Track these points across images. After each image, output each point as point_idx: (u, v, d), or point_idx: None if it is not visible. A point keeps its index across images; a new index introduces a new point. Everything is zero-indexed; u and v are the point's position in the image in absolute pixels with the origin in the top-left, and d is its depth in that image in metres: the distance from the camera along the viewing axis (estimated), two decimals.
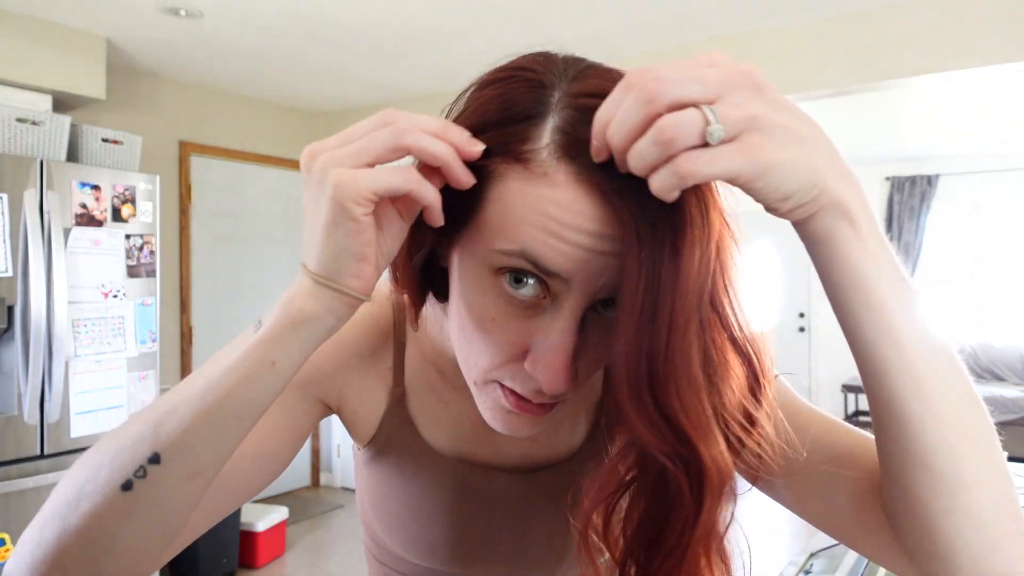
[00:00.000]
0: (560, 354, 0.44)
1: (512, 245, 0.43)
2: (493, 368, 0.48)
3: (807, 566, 1.11)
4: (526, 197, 0.43)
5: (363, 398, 0.63)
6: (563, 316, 0.44)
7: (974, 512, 0.42)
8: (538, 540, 0.65)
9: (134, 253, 2.75)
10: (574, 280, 0.43)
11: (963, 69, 2.76)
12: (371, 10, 2.91)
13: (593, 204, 0.42)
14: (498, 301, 0.46)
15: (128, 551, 0.43)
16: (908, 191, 6.34)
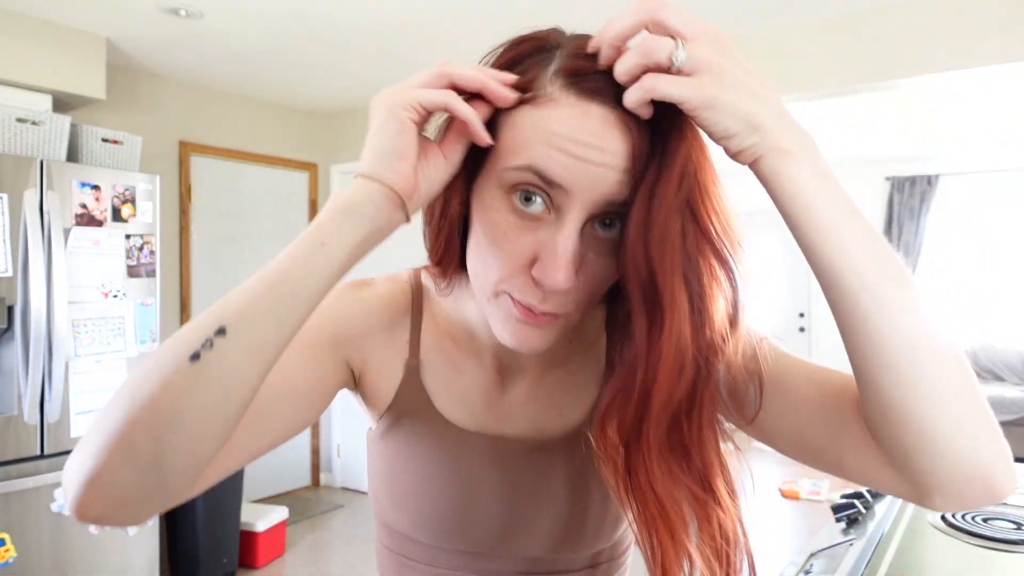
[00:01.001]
0: (562, 255, 0.51)
1: (522, 161, 0.51)
2: (504, 280, 0.54)
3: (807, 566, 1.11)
4: (534, 120, 0.51)
5: (382, 369, 0.67)
6: (565, 224, 0.51)
7: (940, 401, 0.47)
8: (548, 511, 0.66)
9: (134, 253, 2.75)
10: (574, 190, 0.50)
11: (963, 69, 2.76)
12: (372, 10, 2.91)
13: (592, 121, 0.50)
14: (509, 217, 0.53)
15: (192, 426, 0.45)
16: (908, 191, 6.34)
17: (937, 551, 1.10)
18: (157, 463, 0.44)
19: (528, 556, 0.67)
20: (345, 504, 4.32)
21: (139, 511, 0.47)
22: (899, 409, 0.48)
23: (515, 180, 0.52)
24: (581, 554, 0.68)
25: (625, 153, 0.50)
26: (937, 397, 0.47)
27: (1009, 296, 6.07)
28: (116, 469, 0.44)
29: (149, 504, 0.47)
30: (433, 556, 0.69)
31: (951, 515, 1.20)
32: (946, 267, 6.34)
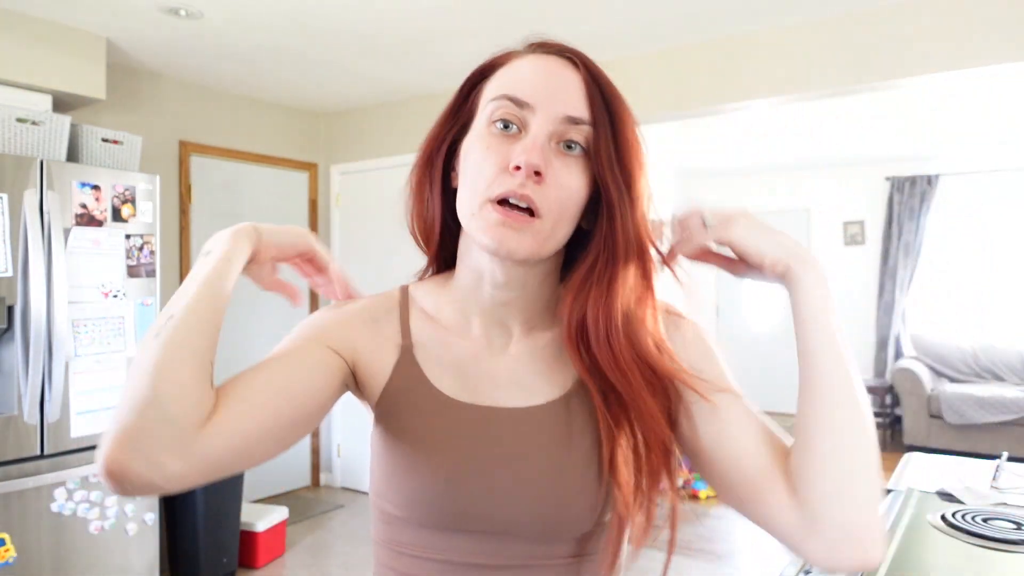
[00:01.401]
0: (531, 142, 0.66)
1: (497, 92, 0.70)
2: (489, 184, 0.67)
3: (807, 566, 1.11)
4: (507, 71, 0.71)
5: (375, 354, 0.75)
6: (533, 130, 0.67)
7: (853, 471, 0.62)
8: (534, 475, 0.70)
9: (134, 253, 2.75)
10: (537, 105, 0.67)
11: (963, 69, 2.76)
12: (371, 10, 2.91)
13: (549, 62, 0.70)
14: (491, 140, 0.68)
15: (172, 373, 0.59)
16: (908, 191, 6.34)
17: (937, 551, 1.10)
18: (156, 403, 0.57)
19: (517, 532, 0.70)
20: (345, 504, 4.32)
21: (156, 450, 0.56)
22: (822, 467, 0.62)
23: (493, 109, 0.69)
24: (566, 528, 0.70)
25: (577, 82, 0.69)
26: (853, 468, 0.62)
27: (1009, 296, 6.07)
28: (127, 419, 0.56)
29: (162, 439, 0.57)
30: (428, 540, 0.71)
31: (951, 515, 1.20)
32: (946, 267, 6.34)
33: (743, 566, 3.42)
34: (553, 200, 0.67)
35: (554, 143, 0.67)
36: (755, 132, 5.33)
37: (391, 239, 4.25)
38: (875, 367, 6.47)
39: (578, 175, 0.68)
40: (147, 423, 0.56)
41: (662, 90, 3.42)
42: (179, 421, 0.58)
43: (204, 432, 0.59)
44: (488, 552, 0.71)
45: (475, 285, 0.74)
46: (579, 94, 0.69)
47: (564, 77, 0.69)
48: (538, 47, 0.72)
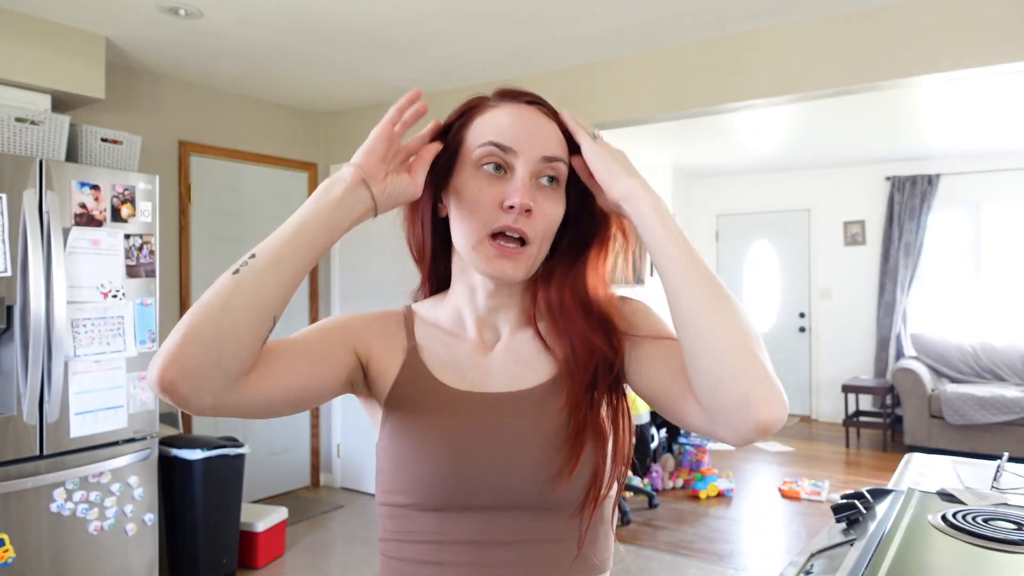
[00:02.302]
0: (520, 184, 0.78)
1: (483, 139, 0.80)
2: (486, 222, 0.79)
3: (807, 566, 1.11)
4: (486, 119, 0.82)
5: (386, 355, 0.85)
6: (519, 172, 0.79)
7: (717, 352, 0.69)
8: (528, 451, 0.78)
9: (134, 253, 2.75)
10: (519, 149, 0.79)
11: (963, 69, 2.76)
12: (372, 9, 2.91)
13: (524, 110, 0.82)
14: (480, 182, 0.80)
15: (236, 315, 0.68)
16: (908, 191, 6.34)
17: (937, 551, 1.10)
18: (218, 347, 0.67)
19: (516, 503, 0.77)
20: (345, 504, 4.32)
21: (201, 384, 0.67)
22: (698, 360, 0.71)
23: (481, 154, 0.80)
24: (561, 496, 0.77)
25: (548, 125, 0.82)
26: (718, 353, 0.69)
27: (1009, 296, 6.07)
28: (187, 346, 0.66)
29: (208, 379, 0.67)
30: (435, 524, 0.78)
31: (951, 515, 1.20)
32: (946, 266, 6.34)
33: (743, 566, 3.41)
34: (540, 228, 0.80)
35: (534, 180, 0.80)
36: (755, 132, 5.32)
37: (390, 239, 4.24)
38: (876, 367, 6.47)
39: (557, 203, 0.82)
40: (203, 361, 0.66)
41: (662, 90, 3.42)
42: (228, 371, 0.68)
43: (242, 384, 0.70)
44: (491, 529, 0.78)
45: (470, 297, 0.86)
46: (552, 136, 0.81)
47: (537, 123, 0.81)
48: (509, 96, 0.83)
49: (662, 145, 5.84)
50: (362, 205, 0.76)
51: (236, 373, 0.69)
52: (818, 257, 6.87)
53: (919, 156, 6.23)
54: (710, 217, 7.48)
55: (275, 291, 0.71)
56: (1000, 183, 6.08)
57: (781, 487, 4.62)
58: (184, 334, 0.66)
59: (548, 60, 3.51)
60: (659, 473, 4.66)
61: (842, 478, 4.92)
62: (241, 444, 3.24)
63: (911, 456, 1.87)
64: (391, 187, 0.78)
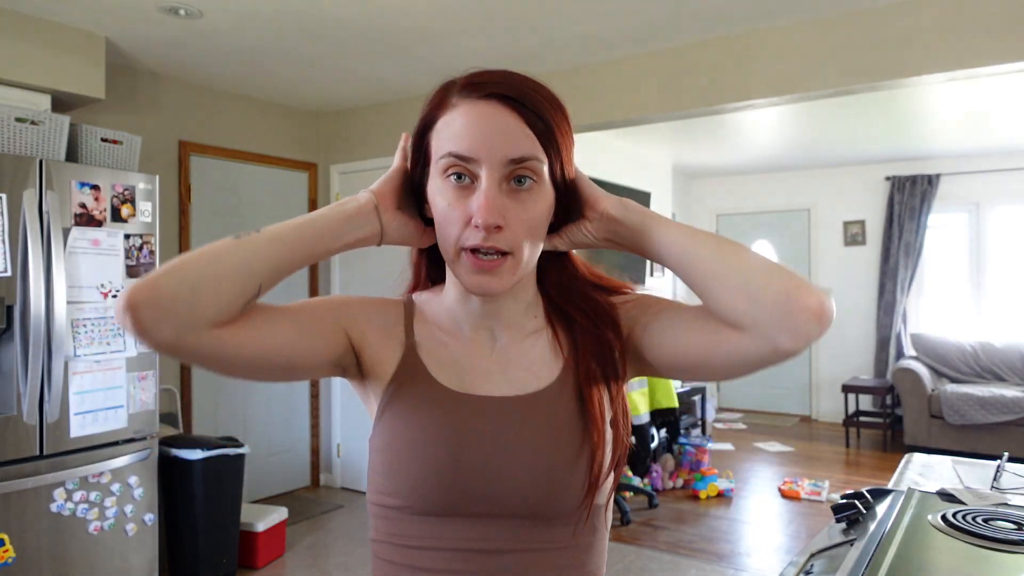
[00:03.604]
0: (484, 199, 0.71)
1: (444, 150, 0.74)
2: (458, 237, 0.74)
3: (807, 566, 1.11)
4: (446, 123, 0.75)
5: (382, 345, 0.83)
6: (483, 183, 0.72)
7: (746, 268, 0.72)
8: (526, 459, 0.76)
9: (134, 253, 2.75)
10: (479, 158, 0.72)
11: (963, 69, 2.76)
12: (371, 9, 2.90)
13: (482, 110, 0.73)
14: (448, 194, 0.74)
15: (224, 272, 0.69)
16: (908, 191, 6.34)
17: (937, 551, 1.10)
18: (195, 287, 0.67)
19: (514, 511, 0.75)
20: (345, 504, 4.32)
21: (165, 316, 0.66)
22: (729, 282, 0.72)
23: (444, 165, 0.74)
24: (560, 506, 0.76)
25: (513, 121, 0.72)
26: (744, 273, 0.71)
27: (1009, 295, 6.07)
28: (165, 278, 0.67)
29: (175, 314, 0.66)
30: (429, 529, 0.76)
31: (951, 515, 1.20)
32: (946, 267, 6.34)
33: (743, 566, 3.41)
34: (520, 235, 0.74)
35: (506, 184, 0.73)
36: (755, 132, 5.32)
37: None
38: (876, 367, 6.47)
39: (537, 201, 0.75)
40: (176, 295, 0.67)
41: (662, 90, 3.42)
42: (198, 314, 0.68)
43: (212, 332, 0.69)
44: (488, 537, 0.76)
45: (463, 300, 0.83)
46: (520, 133, 0.73)
47: (499, 122, 0.73)
48: (472, 89, 0.74)
49: (662, 145, 5.84)
50: (369, 228, 0.77)
51: (206, 319, 0.68)
52: (818, 257, 6.87)
53: (919, 156, 6.23)
54: (710, 217, 7.47)
55: (269, 263, 0.72)
56: (1000, 183, 6.08)
57: (781, 487, 4.62)
58: (166, 268, 0.68)
59: (548, 60, 3.51)
60: (659, 473, 4.66)
61: (842, 478, 4.92)
62: (241, 444, 3.24)
63: (911, 456, 1.87)
64: (401, 223, 0.79)
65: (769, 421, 6.85)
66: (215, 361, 0.72)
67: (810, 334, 0.69)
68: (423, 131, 0.78)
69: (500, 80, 0.74)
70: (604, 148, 5.35)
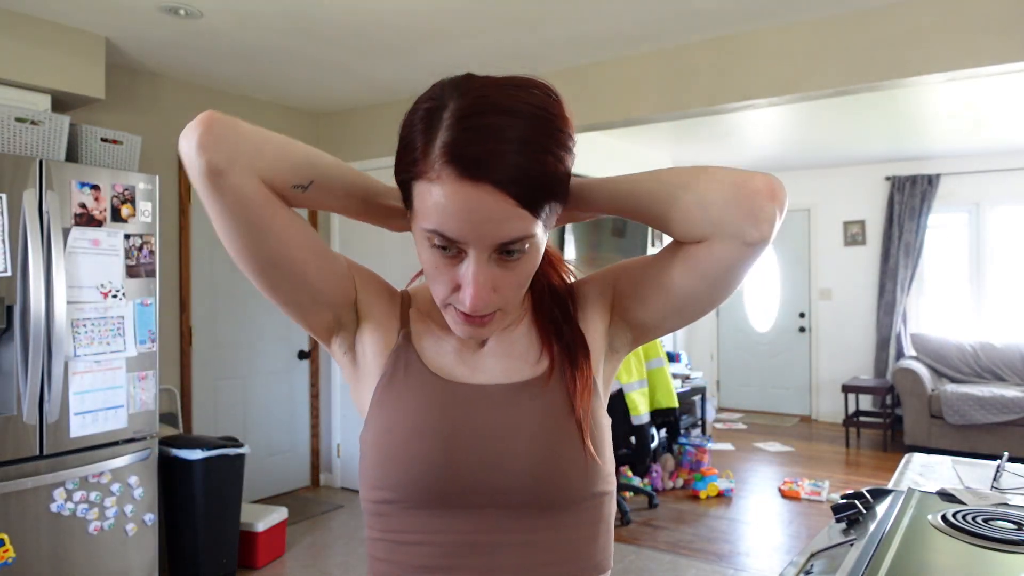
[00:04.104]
0: (472, 286, 0.69)
1: (429, 225, 0.68)
2: (444, 298, 0.73)
3: (807, 566, 1.11)
4: (430, 194, 0.67)
5: (379, 332, 0.83)
6: (471, 263, 0.69)
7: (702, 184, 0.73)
8: (518, 446, 0.75)
9: (133, 253, 2.75)
10: (470, 242, 0.68)
11: (963, 69, 2.76)
12: (371, 10, 2.90)
13: (468, 194, 0.65)
14: (434, 259, 0.71)
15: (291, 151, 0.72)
16: (908, 191, 6.33)
17: (937, 551, 1.10)
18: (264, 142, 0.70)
19: (511, 502, 0.74)
20: (345, 504, 4.32)
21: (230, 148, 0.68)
22: (680, 214, 0.74)
23: (428, 236, 0.69)
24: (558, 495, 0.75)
25: (501, 206, 0.65)
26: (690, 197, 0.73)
27: (1008, 295, 6.07)
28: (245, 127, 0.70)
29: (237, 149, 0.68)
30: (424, 523, 0.75)
31: (951, 515, 1.20)
32: (946, 267, 6.34)
33: (743, 566, 3.41)
34: (511, 295, 0.74)
35: (495, 255, 0.70)
36: (755, 132, 5.32)
37: (391, 239, 4.24)
38: (876, 367, 6.47)
39: (529, 259, 0.73)
40: (247, 137, 0.69)
41: (662, 90, 3.42)
42: (256, 160, 0.69)
43: (256, 182, 0.69)
44: (487, 529, 0.74)
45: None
46: (506, 218, 0.66)
47: (486, 208, 0.65)
48: (457, 164, 0.64)
49: (662, 145, 5.84)
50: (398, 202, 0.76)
51: (260, 168, 0.69)
52: (818, 257, 6.87)
53: (919, 156, 6.23)
54: None
55: (327, 167, 0.75)
56: (1000, 183, 6.08)
57: (781, 487, 4.62)
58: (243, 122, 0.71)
59: (548, 60, 3.51)
60: (659, 473, 4.66)
61: (842, 478, 4.92)
62: (241, 444, 3.24)
63: (911, 456, 1.87)
64: None
65: (769, 421, 6.85)
66: (243, 212, 0.70)
67: (770, 214, 0.71)
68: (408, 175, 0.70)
69: (488, 152, 0.64)
70: (604, 148, 5.35)
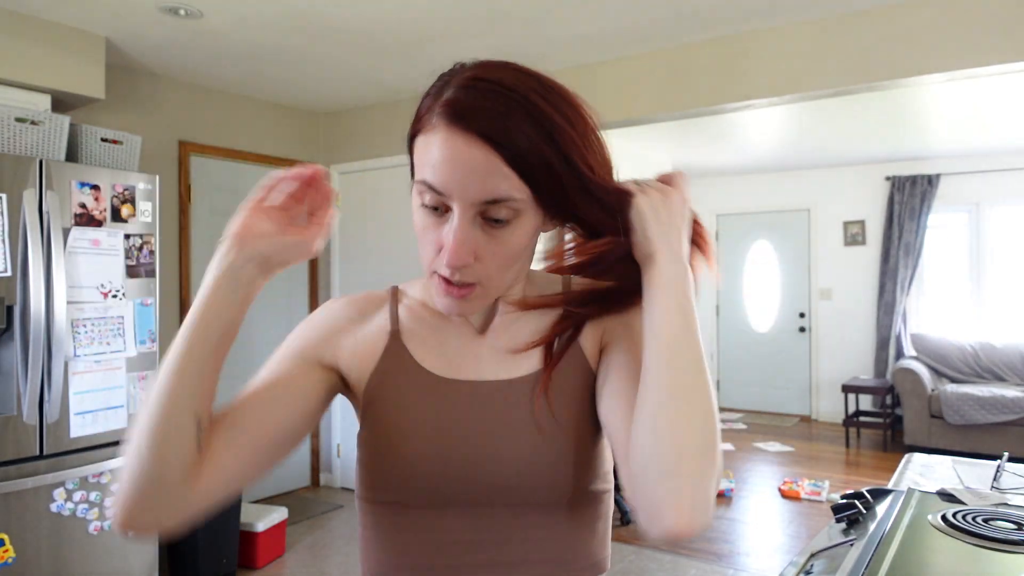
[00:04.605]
0: (452, 239, 0.68)
1: (419, 176, 0.70)
2: (430, 261, 0.72)
3: (807, 567, 1.11)
4: (426, 144, 0.69)
5: (360, 346, 0.80)
6: (454, 218, 0.68)
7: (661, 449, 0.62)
8: (520, 441, 0.74)
9: (133, 253, 2.75)
10: (452, 195, 0.67)
11: (963, 69, 2.76)
12: (371, 10, 2.91)
13: (458, 144, 0.66)
14: (423, 218, 0.71)
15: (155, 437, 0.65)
16: (908, 191, 6.33)
17: (937, 551, 1.10)
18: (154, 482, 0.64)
19: (508, 499, 0.73)
20: (345, 504, 4.32)
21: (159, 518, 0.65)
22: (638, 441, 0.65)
23: (419, 190, 0.71)
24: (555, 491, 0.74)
25: (490, 161, 0.65)
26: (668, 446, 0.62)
27: (1008, 295, 6.07)
28: (133, 494, 0.64)
29: (163, 512, 0.64)
30: (422, 522, 0.74)
31: (951, 515, 1.20)
32: (946, 267, 6.34)
33: (743, 566, 3.41)
34: (492, 268, 0.71)
35: (480, 220, 0.69)
36: (755, 132, 5.32)
37: (391, 239, 4.25)
38: (876, 367, 6.47)
39: (515, 233, 0.70)
40: (146, 495, 0.64)
41: (662, 90, 3.42)
42: (171, 488, 0.64)
43: (196, 485, 0.66)
44: (484, 527, 0.74)
45: None
46: (494, 173, 0.66)
47: (473, 161, 0.65)
48: (451, 115, 0.66)
49: (662, 145, 5.84)
50: (246, 271, 0.68)
51: (181, 483, 0.65)
52: (818, 257, 6.87)
53: (919, 156, 6.23)
54: (710, 217, 7.48)
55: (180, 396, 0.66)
56: (1000, 183, 6.07)
57: (781, 487, 4.62)
58: (125, 477, 0.65)
59: (548, 60, 3.51)
60: None
61: (842, 478, 4.92)
62: None
63: (911, 456, 1.87)
64: (272, 247, 0.69)
65: (769, 421, 6.85)
66: (229, 491, 0.69)
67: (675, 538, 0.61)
68: (413, 132, 0.73)
69: (484, 108, 0.66)
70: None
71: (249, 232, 0.68)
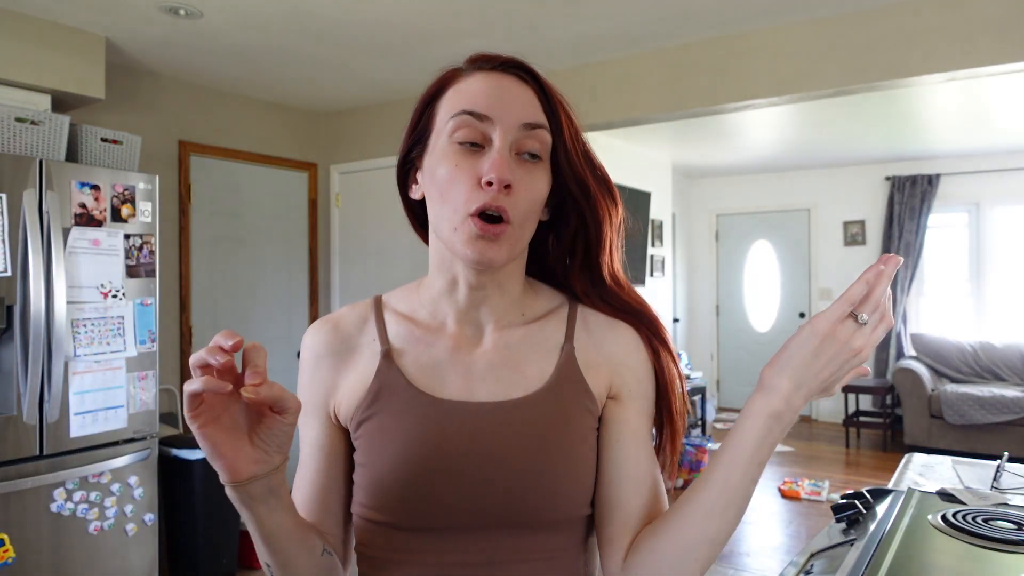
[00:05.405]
0: (498, 157, 0.71)
1: (457, 109, 0.73)
2: (466, 200, 0.71)
3: (807, 567, 1.11)
4: (458, 89, 0.75)
5: (350, 376, 0.79)
6: (496, 144, 0.72)
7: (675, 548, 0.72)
8: (512, 465, 0.72)
9: (133, 253, 2.75)
10: (495, 116, 0.72)
11: (963, 69, 2.75)
12: (371, 10, 2.90)
13: (497, 77, 0.75)
14: (457, 157, 0.73)
15: None
16: (908, 191, 6.33)
17: (937, 551, 1.10)
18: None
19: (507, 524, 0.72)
20: None
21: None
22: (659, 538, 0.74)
23: (454, 126, 0.73)
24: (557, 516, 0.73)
25: (527, 92, 0.75)
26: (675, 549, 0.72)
27: (1008, 295, 6.07)
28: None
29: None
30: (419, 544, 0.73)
31: (951, 515, 1.20)
32: (946, 267, 6.34)
33: (743, 566, 3.41)
34: (522, 206, 0.73)
35: (515, 154, 0.73)
36: (755, 132, 5.32)
37: (391, 239, 4.24)
38: (876, 367, 6.47)
39: (540, 179, 0.75)
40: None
41: (662, 90, 3.42)
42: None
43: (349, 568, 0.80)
44: (476, 549, 0.72)
45: (450, 289, 0.79)
46: (532, 102, 0.75)
47: (515, 89, 0.75)
48: (483, 62, 0.77)
49: (662, 145, 5.84)
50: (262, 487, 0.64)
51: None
52: (818, 257, 6.87)
53: (919, 156, 6.23)
54: (710, 217, 7.47)
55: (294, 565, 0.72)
56: (1000, 183, 6.07)
57: (781, 487, 4.62)
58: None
59: (548, 60, 3.51)
60: None
61: (842, 478, 4.92)
62: None
63: (911, 456, 1.87)
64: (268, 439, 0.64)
65: None
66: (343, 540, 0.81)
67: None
68: (428, 102, 0.78)
69: (513, 61, 0.77)
70: (604, 148, 5.35)
71: (233, 468, 0.62)
